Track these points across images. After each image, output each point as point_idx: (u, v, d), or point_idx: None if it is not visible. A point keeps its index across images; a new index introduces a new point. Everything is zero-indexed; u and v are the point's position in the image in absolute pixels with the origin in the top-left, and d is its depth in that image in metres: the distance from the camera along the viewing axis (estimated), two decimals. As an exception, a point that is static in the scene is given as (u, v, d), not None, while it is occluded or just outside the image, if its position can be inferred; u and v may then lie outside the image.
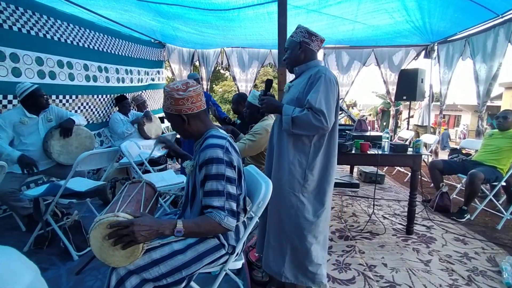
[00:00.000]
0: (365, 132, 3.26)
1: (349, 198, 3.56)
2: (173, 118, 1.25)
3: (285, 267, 1.62)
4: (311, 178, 1.57)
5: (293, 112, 1.50)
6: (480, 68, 4.14)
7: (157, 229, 1.05)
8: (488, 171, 2.90)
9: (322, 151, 1.58)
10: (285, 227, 1.61)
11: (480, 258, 2.20)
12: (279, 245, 1.64)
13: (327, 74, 1.50)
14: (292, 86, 1.67)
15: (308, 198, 1.60)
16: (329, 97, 1.47)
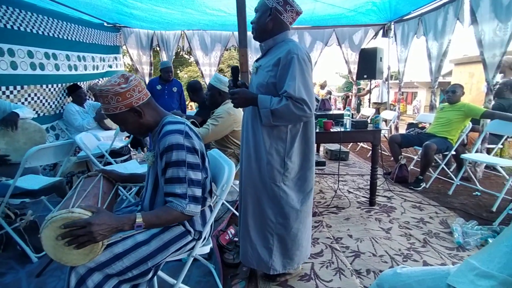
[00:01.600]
0: (328, 111, 3.35)
1: (316, 176, 3.67)
2: (126, 116, 1.14)
3: (273, 260, 1.59)
4: (290, 165, 1.52)
5: (271, 104, 1.39)
6: (432, 45, 4.36)
7: (116, 226, 1.01)
8: (440, 142, 3.13)
9: (299, 137, 1.52)
10: (269, 219, 1.56)
11: (434, 221, 2.40)
12: (263, 237, 1.59)
13: (299, 54, 1.37)
14: (260, 68, 1.53)
15: (290, 186, 1.55)
16: (307, 82, 1.38)
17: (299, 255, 1.62)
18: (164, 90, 4.12)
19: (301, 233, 1.59)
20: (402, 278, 0.96)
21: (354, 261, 1.90)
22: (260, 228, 1.59)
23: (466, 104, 3.18)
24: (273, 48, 1.50)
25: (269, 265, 1.59)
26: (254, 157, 1.54)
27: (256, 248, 1.59)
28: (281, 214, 1.54)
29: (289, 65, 1.36)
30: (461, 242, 2.03)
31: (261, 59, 1.57)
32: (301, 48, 1.40)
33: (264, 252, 1.59)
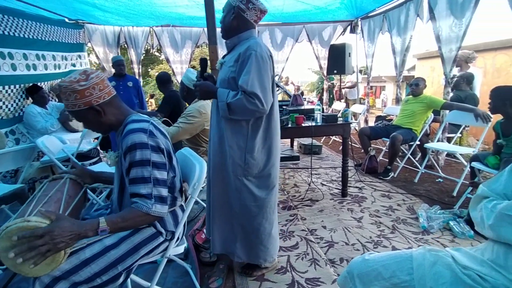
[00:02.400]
0: (300, 106, 3.40)
1: (291, 171, 3.73)
2: (85, 114, 1.10)
3: (236, 247, 1.62)
4: (251, 161, 1.53)
5: (227, 98, 1.41)
6: (396, 41, 4.55)
7: (78, 233, 0.96)
8: (406, 133, 3.29)
9: (260, 133, 1.53)
10: (234, 209, 1.59)
11: (402, 208, 2.53)
12: (229, 225, 1.63)
13: (258, 51, 1.39)
14: (224, 64, 1.56)
15: (251, 181, 1.56)
16: (262, 77, 1.39)
17: (264, 250, 1.64)
18: (119, 86, 3.97)
19: (263, 228, 1.61)
20: (370, 264, 1.01)
21: (328, 251, 1.96)
22: (226, 217, 1.62)
23: (428, 96, 3.37)
24: (238, 46, 1.52)
25: (233, 251, 1.64)
26: (218, 151, 1.57)
27: (223, 234, 1.64)
28: (244, 207, 1.58)
29: (247, 60, 1.39)
30: (425, 226, 2.16)
31: (226, 55, 1.60)
32: (262, 45, 1.43)
33: (230, 237, 1.64)
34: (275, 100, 1.53)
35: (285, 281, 1.68)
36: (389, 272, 0.95)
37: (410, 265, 0.95)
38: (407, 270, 0.94)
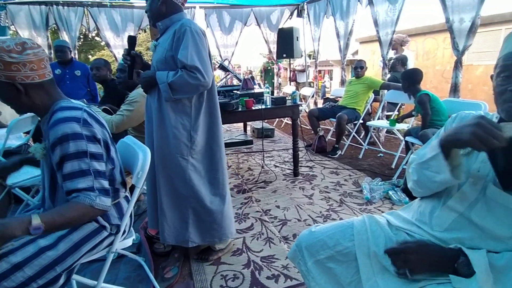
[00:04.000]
0: (251, 90, 3.40)
1: (245, 155, 3.77)
2: (2, 86, 0.96)
3: (189, 232, 1.61)
4: (197, 139, 1.54)
5: (167, 78, 1.39)
6: (340, 25, 4.74)
7: (1, 234, 0.84)
8: (350, 113, 3.50)
9: (203, 110, 1.55)
10: (181, 193, 1.57)
11: (348, 183, 2.71)
12: (178, 212, 1.60)
13: (192, 27, 1.40)
14: (158, 45, 1.53)
15: (198, 159, 1.58)
16: (200, 51, 1.40)
17: (217, 229, 1.65)
18: (65, 75, 3.54)
19: (216, 206, 1.63)
20: (317, 235, 1.06)
21: (282, 228, 2.03)
22: (175, 204, 1.59)
23: (368, 78, 3.60)
24: (170, 27, 1.50)
25: (187, 238, 1.61)
26: (160, 134, 1.53)
27: (173, 223, 1.60)
28: (192, 188, 1.56)
29: (183, 36, 1.38)
30: (369, 198, 2.35)
31: (159, 38, 1.56)
32: (194, 23, 1.45)
33: (180, 225, 1.61)
34: (213, 78, 1.54)
35: (241, 262, 1.71)
36: (333, 241, 1.01)
37: (351, 232, 1.01)
38: (349, 237, 1.01)
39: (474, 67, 5.84)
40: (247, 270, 1.65)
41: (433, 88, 5.94)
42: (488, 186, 0.80)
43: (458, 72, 2.81)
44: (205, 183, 1.60)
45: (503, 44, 0.79)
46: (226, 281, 1.57)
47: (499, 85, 0.78)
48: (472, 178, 0.84)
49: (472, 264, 0.71)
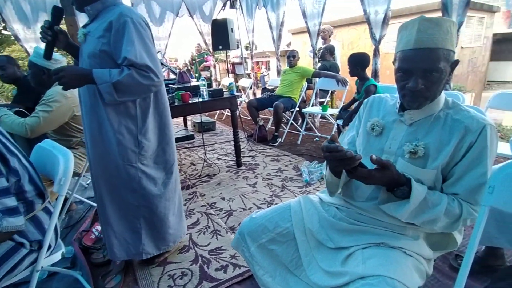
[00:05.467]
0: (187, 83, 3.30)
1: (187, 150, 3.67)
2: None
3: (143, 243, 1.49)
4: (146, 143, 1.40)
5: (111, 77, 1.19)
6: (271, 16, 4.85)
7: None
8: (286, 101, 3.65)
9: (151, 111, 1.39)
10: (130, 203, 1.44)
11: (288, 168, 2.84)
12: (128, 224, 1.47)
13: (134, 17, 1.21)
14: (89, 34, 1.28)
15: (149, 165, 1.44)
16: (148, 46, 1.24)
17: (172, 233, 1.59)
18: None
19: (168, 210, 1.55)
20: (257, 221, 1.10)
21: (228, 219, 2.05)
22: (123, 215, 1.46)
23: (301, 67, 3.78)
24: (103, 12, 1.28)
25: (140, 250, 1.50)
26: (100, 140, 1.36)
27: (123, 236, 1.47)
28: (144, 196, 1.45)
29: (123, 29, 1.19)
30: (307, 180, 2.50)
31: (89, 24, 1.32)
32: (135, 12, 1.27)
33: (132, 238, 1.49)
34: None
35: (189, 258, 1.68)
36: (273, 224, 1.06)
37: (289, 214, 1.07)
38: (287, 218, 1.06)
39: (390, 55, 6.54)
40: (195, 265, 1.63)
41: (358, 75, 6.56)
42: (398, 160, 0.92)
43: (376, 59, 3.12)
44: (159, 189, 1.49)
45: (398, 34, 0.89)
46: (174, 280, 1.53)
47: (398, 80, 0.89)
48: (386, 154, 0.95)
49: (411, 195, 0.81)
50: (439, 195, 0.84)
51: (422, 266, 0.86)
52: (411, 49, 0.82)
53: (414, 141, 0.88)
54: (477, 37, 7.91)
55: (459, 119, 0.85)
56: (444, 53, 0.81)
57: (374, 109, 1.04)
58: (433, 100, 0.87)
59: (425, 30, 0.80)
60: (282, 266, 1.02)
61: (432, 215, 0.82)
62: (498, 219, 1.22)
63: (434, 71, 0.81)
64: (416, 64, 0.82)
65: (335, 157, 0.77)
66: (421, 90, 0.83)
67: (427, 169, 0.86)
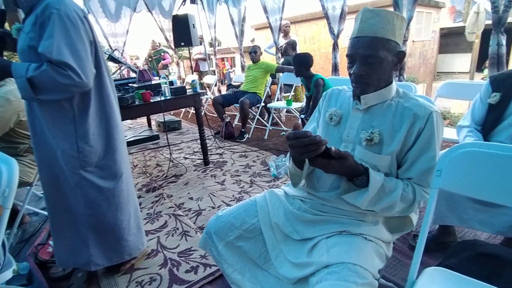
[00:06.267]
0: (148, 82, 3.18)
1: (152, 151, 3.55)
2: None
3: (91, 254, 1.40)
4: (87, 149, 1.28)
5: (27, 71, 1.08)
6: (233, 11, 4.81)
7: None
8: (251, 97, 3.65)
9: (93, 113, 1.27)
10: (76, 212, 1.34)
11: (256, 164, 2.86)
12: (75, 232, 1.37)
13: (62, 9, 1.10)
14: (22, 30, 1.18)
15: (94, 172, 1.33)
16: (72, 41, 1.11)
17: (127, 245, 1.50)
18: None
19: (120, 221, 1.45)
20: (223, 218, 1.08)
21: (197, 219, 2.01)
22: (71, 224, 1.37)
23: (264, 62, 3.79)
24: (36, 5, 1.17)
25: (89, 261, 1.41)
26: (42, 144, 1.27)
27: (71, 245, 1.39)
28: (88, 204, 1.35)
29: (47, 22, 1.08)
30: (275, 174, 2.53)
31: (25, 19, 1.21)
32: (67, 3, 1.14)
33: (79, 247, 1.40)
34: (103, 72, 1.29)
35: (157, 263, 1.63)
36: (239, 221, 1.05)
37: (255, 209, 1.07)
38: (253, 213, 1.06)
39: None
40: (164, 269, 1.58)
41: (321, 69, 6.72)
42: (356, 147, 0.95)
43: (336, 53, 3.22)
44: (108, 197, 1.39)
45: (354, 22, 0.92)
46: (142, 287, 1.48)
47: (348, 67, 0.93)
48: (345, 143, 0.98)
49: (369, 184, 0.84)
50: (395, 181, 0.88)
51: (381, 249, 0.91)
52: (355, 37, 0.89)
53: (370, 129, 0.92)
54: (426, 32, 8.49)
55: (408, 107, 0.90)
56: (384, 42, 0.85)
57: (332, 101, 1.07)
58: (379, 87, 0.91)
59: (367, 20, 0.86)
60: (250, 262, 1.02)
61: (389, 201, 0.86)
62: (448, 200, 1.32)
63: (372, 57, 0.86)
64: (356, 50, 0.88)
65: (303, 142, 0.76)
66: (362, 76, 0.89)
67: (383, 155, 0.90)
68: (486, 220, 1.27)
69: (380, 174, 0.87)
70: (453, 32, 10.70)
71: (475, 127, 1.48)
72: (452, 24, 11.32)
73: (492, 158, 0.81)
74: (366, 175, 0.85)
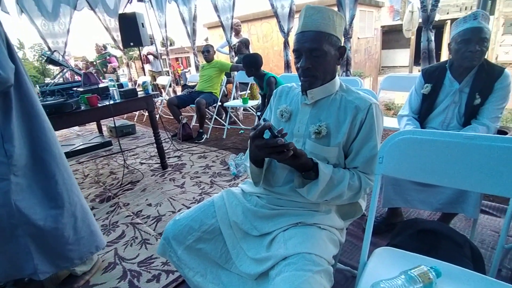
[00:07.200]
0: (95, 85, 2.98)
1: (104, 159, 3.34)
2: None
3: (36, 263, 1.30)
4: (16, 151, 1.19)
5: None
6: (183, 10, 4.69)
7: None
8: (207, 97, 3.61)
9: (16, 114, 1.19)
10: (11, 219, 1.22)
11: (216, 164, 2.84)
12: (15, 243, 1.26)
13: None
14: None
15: (27, 175, 1.25)
16: None
17: (74, 249, 1.42)
18: None
19: (63, 225, 1.37)
20: (181, 222, 1.06)
21: (157, 226, 1.94)
22: (8, 233, 1.26)
23: (219, 61, 3.77)
24: None
25: (36, 270, 1.31)
26: None
27: (12, 258, 1.28)
28: (21, 212, 1.25)
29: None
30: (235, 173, 2.53)
31: None
32: None
33: (23, 259, 1.30)
34: (20, 70, 1.21)
35: (116, 276, 1.55)
36: (198, 223, 1.04)
37: (213, 210, 1.07)
38: (212, 214, 1.06)
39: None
40: (124, 282, 1.50)
41: (275, 66, 6.87)
42: (306, 141, 0.99)
43: (287, 51, 3.31)
44: (42, 202, 1.30)
45: (299, 19, 0.96)
46: (100, 303, 1.39)
47: (295, 62, 0.97)
48: (296, 137, 1.02)
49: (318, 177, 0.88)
50: (342, 172, 0.93)
51: (335, 236, 0.96)
52: (300, 32, 0.93)
53: (318, 122, 0.97)
54: (369, 29, 9.09)
55: (351, 100, 0.96)
56: (326, 36, 0.91)
57: (282, 98, 1.10)
58: (325, 81, 0.96)
59: (310, 16, 0.91)
60: (212, 263, 1.01)
61: (338, 191, 0.91)
62: (394, 184, 1.44)
63: (317, 50, 0.91)
64: (302, 44, 0.92)
65: (274, 147, 0.80)
66: (309, 69, 0.93)
67: (331, 147, 0.95)
68: (426, 199, 1.41)
69: (329, 167, 0.92)
70: (393, 29, 11.59)
71: (413, 116, 1.63)
72: (392, 22, 12.26)
73: (425, 143, 0.90)
74: (315, 170, 0.89)
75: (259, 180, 1.03)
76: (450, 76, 1.48)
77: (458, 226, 1.66)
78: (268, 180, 1.04)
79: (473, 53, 1.34)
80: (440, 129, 1.53)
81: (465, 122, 1.47)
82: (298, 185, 0.94)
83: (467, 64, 1.39)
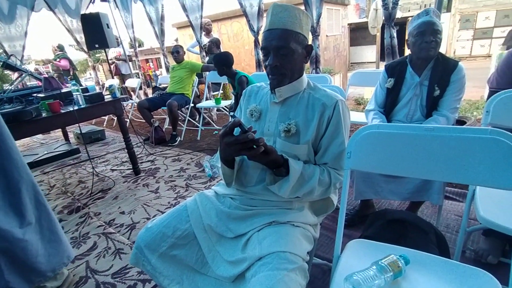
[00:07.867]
0: (57, 90, 2.82)
1: (72, 167, 3.18)
2: None
3: (8, 281, 1.23)
4: None
5: None
6: (150, 10, 4.57)
7: None
8: (179, 98, 3.53)
9: None
10: None
11: (191, 166, 2.79)
12: None
13: None
14: None
15: None
16: None
17: (45, 261, 1.35)
18: None
19: (30, 236, 1.30)
20: (153, 230, 1.02)
21: (131, 234, 1.88)
22: None
23: (189, 62, 3.70)
24: None
25: (7, 285, 1.24)
26: None
27: None
28: None
29: None
30: (210, 174, 2.51)
31: None
32: None
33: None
34: None
35: (88, 290, 1.48)
36: (171, 229, 1.01)
37: (186, 214, 1.04)
38: (185, 219, 1.03)
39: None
40: (97, 295, 1.44)
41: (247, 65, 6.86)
42: (277, 140, 0.99)
43: (258, 50, 3.32)
44: (7, 214, 1.22)
45: (266, 17, 0.96)
46: (72, 320, 1.32)
47: (263, 60, 0.97)
48: (266, 136, 1.02)
49: (289, 174, 0.89)
50: (313, 168, 0.95)
51: (309, 232, 0.97)
52: (267, 30, 0.93)
53: (287, 120, 0.97)
54: (337, 27, 9.33)
55: (318, 98, 0.97)
56: (293, 34, 0.91)
57: (252, 97, 1.10)
58: (293, 79, 0.97)
59: (277, 14, 0.91)
60: (188, 268, 0.99)
61: (309, 187, 0.92)
62: (364, 177, 1.48)
63: (285, 48, 0.91)
64: (270, 42, 0.92)
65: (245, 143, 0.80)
66: (277, 67, 0.93)
67: (300, 144, 0.96)
68: (394, 190, 1.47)
69: (299, 163, 0.93)
70: (360, 27, 11.98)
71: (379, 110, 1.69)
72: (358, 20, 12.67)
73: (389, 137, 0.93)
74: (285, 166, 0.90)
75: (231, 181, 1.02)
76: (411, 70, 1.56)
77: (425, 213, 1.75)
78: (240, 180, 1.03)
79: (429, 44, 1.42)
80: (405, 121, 1.60)
81: (428, 113, 1.54)
82: (270, 182, 0.94)
83: (424, 54, 1.46)
